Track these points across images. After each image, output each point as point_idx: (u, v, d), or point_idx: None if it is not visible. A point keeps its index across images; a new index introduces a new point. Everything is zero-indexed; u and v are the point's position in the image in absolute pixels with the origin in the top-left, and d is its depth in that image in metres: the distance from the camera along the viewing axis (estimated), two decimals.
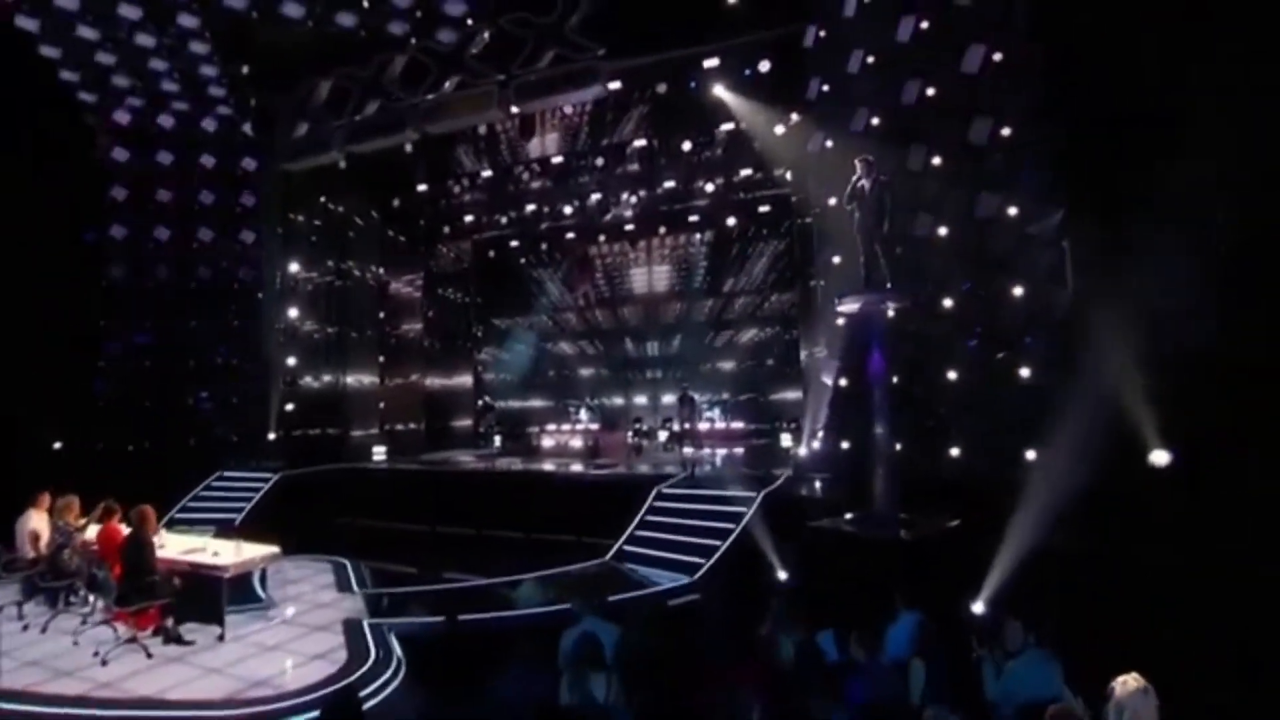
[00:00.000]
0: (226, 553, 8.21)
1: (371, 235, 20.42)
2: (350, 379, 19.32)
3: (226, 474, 15.35)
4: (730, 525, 10.86)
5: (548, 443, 19.06)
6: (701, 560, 10.35)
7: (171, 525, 11.81)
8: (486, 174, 20.29)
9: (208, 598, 7.71)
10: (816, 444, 13.88)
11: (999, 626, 5.38)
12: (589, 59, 13.81)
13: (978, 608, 7.40)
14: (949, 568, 7.61)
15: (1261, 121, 8.38)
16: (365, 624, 8.08)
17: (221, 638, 7.67)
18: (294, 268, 18.15)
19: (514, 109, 15.21)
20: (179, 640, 7.47)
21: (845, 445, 13.02)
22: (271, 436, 17.03)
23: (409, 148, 17.41)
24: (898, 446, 10.13)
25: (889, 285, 9.25)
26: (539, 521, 13.19)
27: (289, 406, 17.58)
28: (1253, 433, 8.50)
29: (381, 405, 20.17)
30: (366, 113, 15.64)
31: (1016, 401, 10.84)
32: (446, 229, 22.95)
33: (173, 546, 8.37)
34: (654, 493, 12.29)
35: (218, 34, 14.62)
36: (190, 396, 17.21)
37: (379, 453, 18.51)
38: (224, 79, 15.63)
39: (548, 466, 16.56)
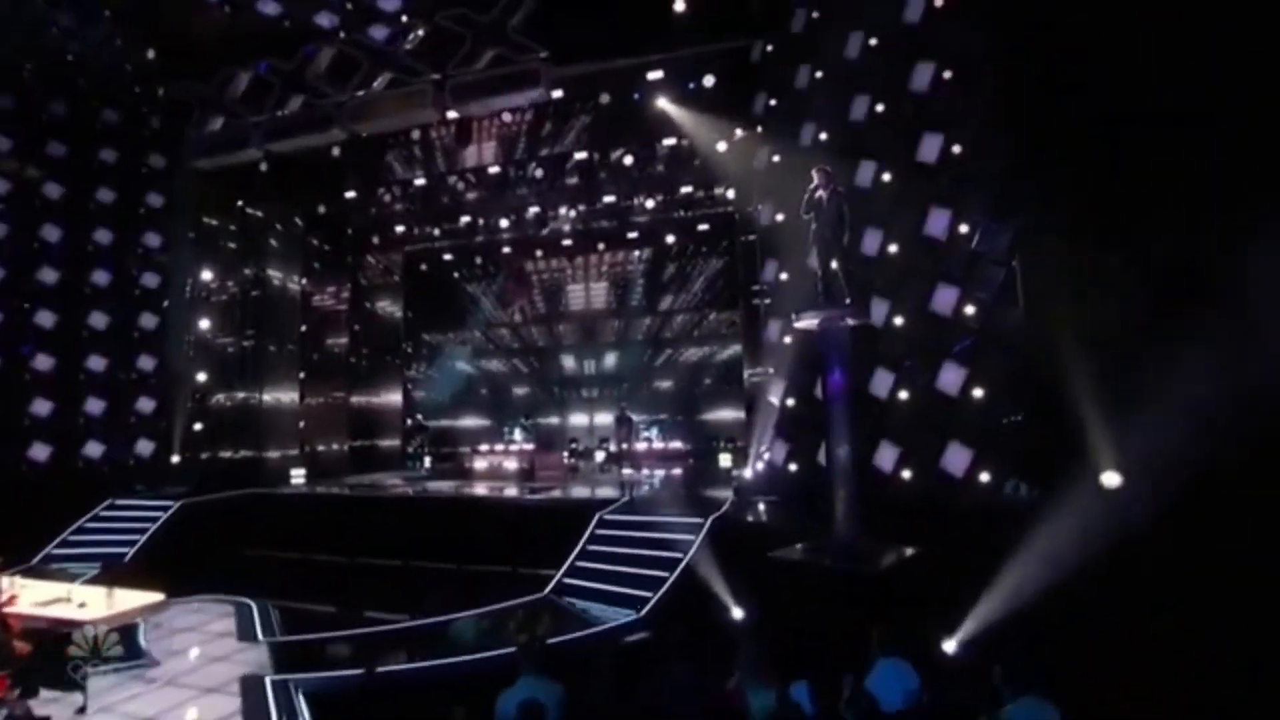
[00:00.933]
0: (96, 603, 6.87)
1: (294, 243, 18.92)
2: (268, 396, 17.71)
3: (118, 502, 13.55)
4: (677, 554, 10.00)
5: (481, 464, 17.86)
6: (648, 593, 9.45)
7: (47, 564, 10.17)
8: (419, 182, 19.05)
9: (70, 660, 6.36)
10: (761, 465, 13.22)
11: (989, 673, 4.72)
12: (531, 61, 12.94)
13: (950, 646, 6.76)
14: (921, 603, 6.93)
15: (1202, 145, 8.23)
16: (268, 681, 6.86)
17: (82, 709, 6.32)
18: (207, 275, 16.55)
19: (450, 112, 14.18)
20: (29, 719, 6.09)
21: (793, 467, 12.43)
22: (175, 459, 15.30)
23: (336, 150, 16.11)
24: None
25: (848, 300, 8.64)
26: (472, 551, 12.07)
27: (197, 426, 15.90)
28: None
29: (302, 424, 18.59)
30: (289, 109, 14.31)
31: (968, 422, 10.49)
32: (376, 239, 21.64)
33: (28, 598, 6.95)
34: (595, 519, 11.35)
35: (121, 14, 13.08)
36: (80, 415, 15.29)
37: (298, 476, 16.97)
38: (128, 65, 14.05)
39: (481, 490, 15.39)
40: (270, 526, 13.24)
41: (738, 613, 8.03)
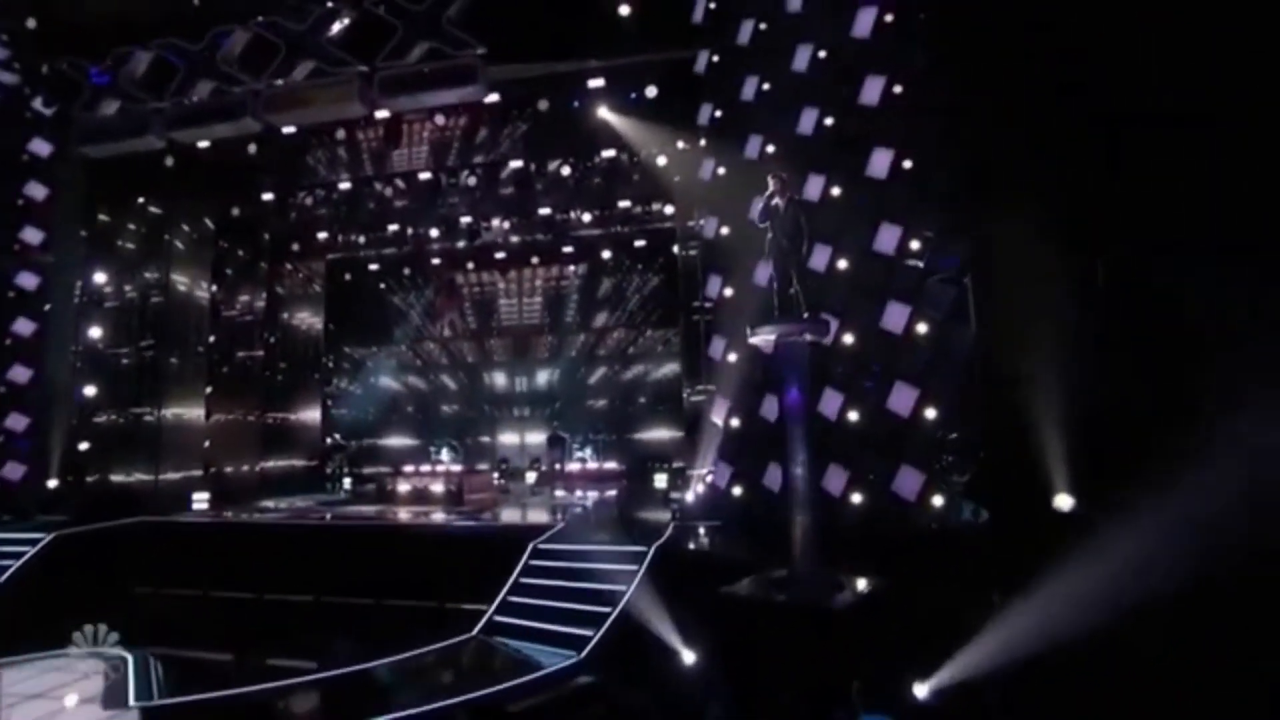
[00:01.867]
0: None
1: (203, 246, 17.22)
2: (168, 412, 15.94)
3: None
4: (619, 587, 9.10)
5: (405, 487, 16.49)
6: (589, 631, 8.51)
7: None
8: (344, 186, 17.74)
9: None
10: (702, 488, 12.46)
11: None
12: (467, 56, 11.98)
13: (923, 692, 6.08)
14: (889, 643, 6.25)
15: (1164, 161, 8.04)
16: None
17: None
18: (100, 278, 14.78)
19: (380, 111, 13.07)
20: None
21: (737, 491, 11.69)
22: (52, 483, 13.42)
23: (253, 147, 14.66)
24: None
25: (805, 314, 8.00)
26: (393, 584, 10.82)
27: (82, 445, 14.05)
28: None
29: (207, 444, 16.81)
30: (197, 95, 12.83)
31: (919, 444, 10.04)
32: (296, 245, 20.05)
33: None
34: (529, 549, 10.33)
35: None
36: None
37: (200, 500, 15.23)
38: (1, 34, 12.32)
39: (404, 516, 14.12)
40: (163, 559, 11.61)
41: (689, 656, 7.18)
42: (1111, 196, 8.70)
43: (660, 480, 17.82)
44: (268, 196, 17.32)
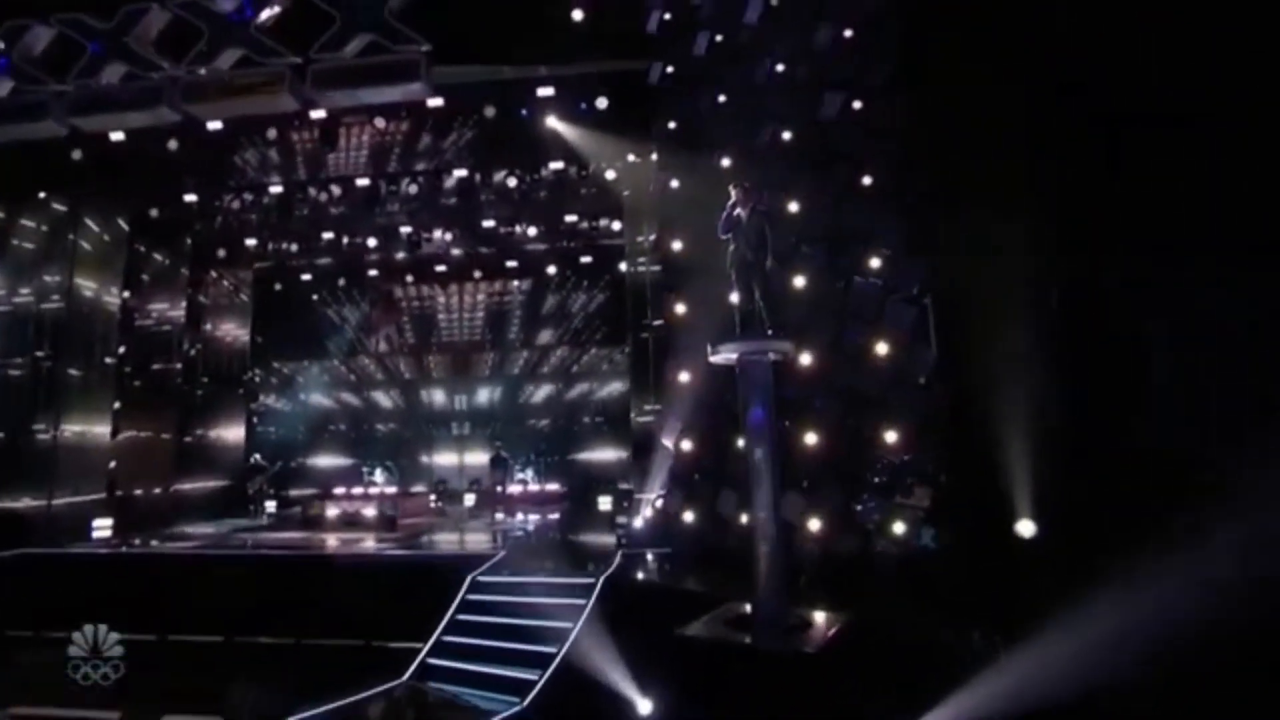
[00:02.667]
0: None
1: (115, 249, 15.69)
2: (68, 429, 14.34)
3: None
4: (565, 624, 8.28)
5: (334, 511, 15.24)
6: (533, 675, 7.66)
7: None
8: (276, 189, 16.49)
9: None
10: (651, 513, 11.75)
11: None
12: (410, 52, 11.13)
13: None
14: (868, 690, 5.63)
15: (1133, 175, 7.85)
16: None
17: None
18: None
19: (314, 110, 12.05)
20: None
21: (689, 518, 10.99)
22: None
23: (174, 144, 13.34)
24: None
25: (770, 330, 7.42)
26: (316, 621, 9.72)
27: None
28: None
29: (113, 464, 15.20)
30: (106, 78, 11.50)
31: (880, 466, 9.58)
32: (221, 252, 18.61)
33: None
34: (467, 582, 9.40)
35: None
36: None
37: (102, 528, 13.66)
38: None
39: (331, 542, 12.93)
40: (46, 597, 10.17)
41: (645, 706, 6.41)
42: (1071, 217, 8.46)
43: (605, 502, 17.08)
44: (190, 198, 15.93)
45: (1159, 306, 8.12)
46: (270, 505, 17.57)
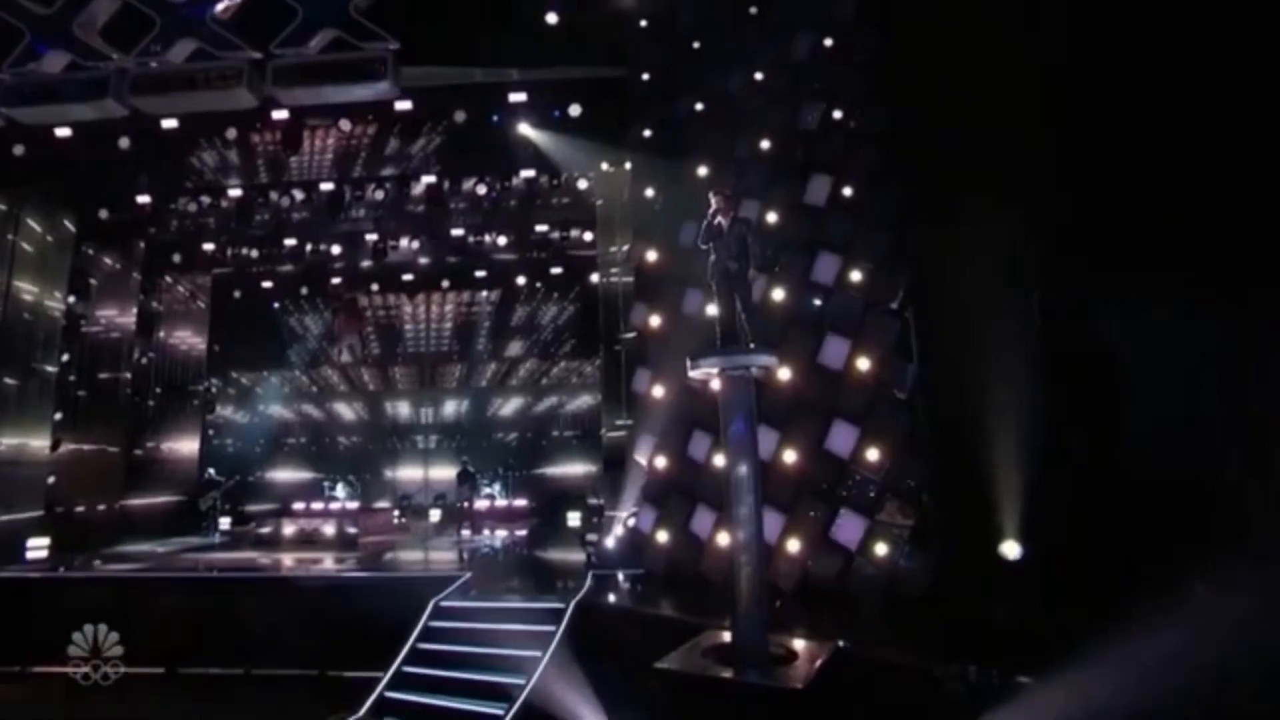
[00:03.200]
0: None
1: (60, 251, 14.76)
2: (2, 442, 13.35)
3: None
4: (534, 653, 7.74)
5: (291, 529, 14.43)
6: (499, 709, 7.11)
7: None
8: (235, 193, 15.77)
9: None
10: (622, 531, 11.24)
11: None
12: (377, 49, 10.58)
13: None
14: None
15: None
16: None
17: None
18: None
19: (277, 112, 11.41)
20: None
21: (662, 538, 10.50)
22: None
23: (125, 142, 12.55)
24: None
25: (751, 344, 7.01)
26: (267, 649, 9.06)
27: None
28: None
29: (51, 479, 14.20)
30: (48, 66, 10.69)
31: (861, 487, 9.21)
32: (177, 256, 17.71)
33: None
34: (429, 608, 8.79)
35: None
36: None
37: (37, 548, 12.68)
38: None
39: (287, 562, 12.18)
40: None
41: None
42: (1052, 230, 8.23)
43: (574, 519, 16.57)
44: (144, 199, 15.10)
45: (1138, 321, 7.87)
46: (224, 522, 16.65)
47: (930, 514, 8.72)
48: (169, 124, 12.04)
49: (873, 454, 8.97)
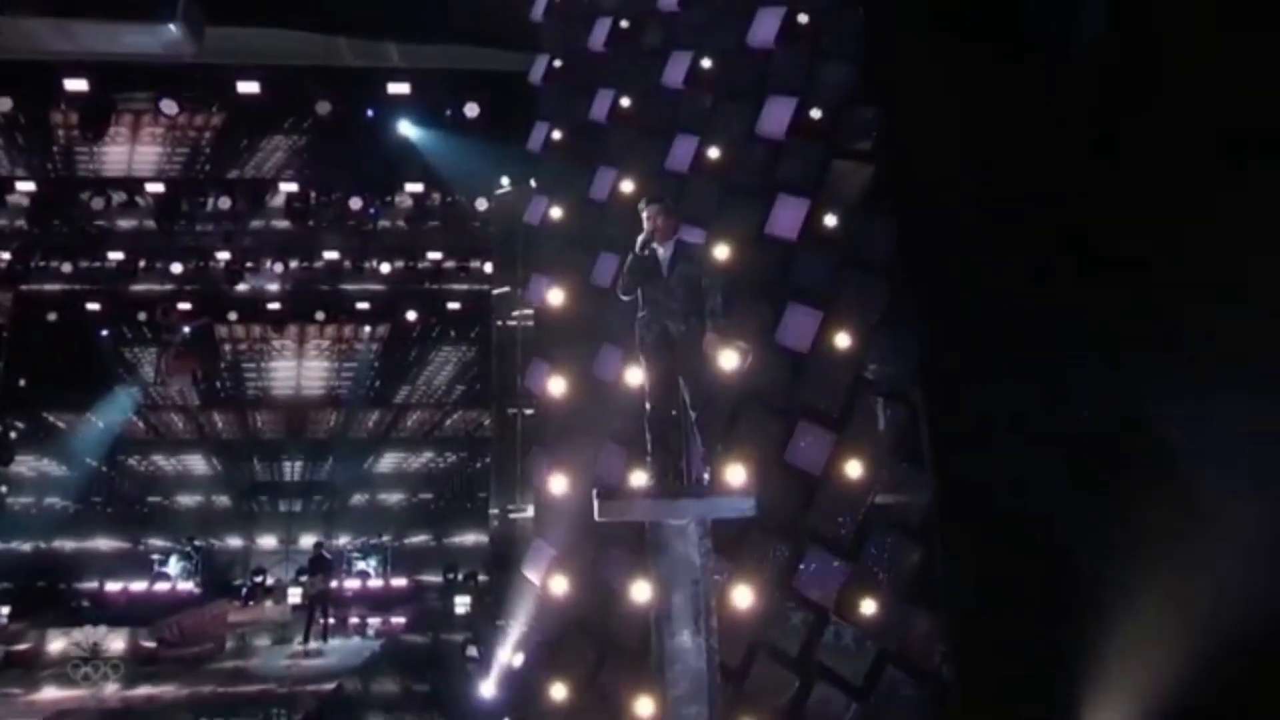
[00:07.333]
0: None
1: None
2: None
3: None
4: None
5: (59, 644, 9.79)
6: None
7: None
8: (26, 186, 11.57)
9: None
10: (505, 674, 7.53)
11: None
12: None
13: None
14: None
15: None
16: None
17: None
18: None
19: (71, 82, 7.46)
20: None
21: (560, 693, 6.81)
22: None
23: None
24: None
25: (706, 476, 3.59)
26: None
27: None
28: None
29: None
30: None
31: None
32: None
33: None
34: None
35: None
36: None
37: None
38: None
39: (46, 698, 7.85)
40: None
41: None
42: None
43: (461, 603, 12.92)
44: None
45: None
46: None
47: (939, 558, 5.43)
48: None
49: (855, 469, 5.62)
